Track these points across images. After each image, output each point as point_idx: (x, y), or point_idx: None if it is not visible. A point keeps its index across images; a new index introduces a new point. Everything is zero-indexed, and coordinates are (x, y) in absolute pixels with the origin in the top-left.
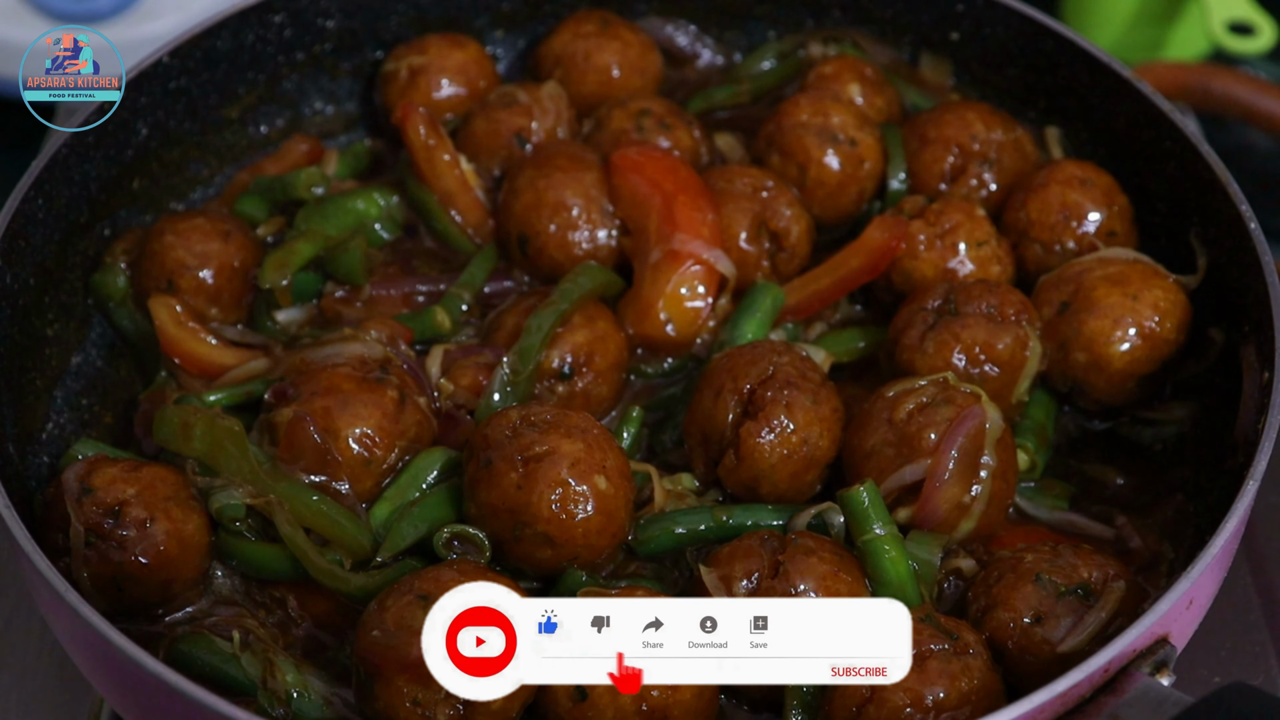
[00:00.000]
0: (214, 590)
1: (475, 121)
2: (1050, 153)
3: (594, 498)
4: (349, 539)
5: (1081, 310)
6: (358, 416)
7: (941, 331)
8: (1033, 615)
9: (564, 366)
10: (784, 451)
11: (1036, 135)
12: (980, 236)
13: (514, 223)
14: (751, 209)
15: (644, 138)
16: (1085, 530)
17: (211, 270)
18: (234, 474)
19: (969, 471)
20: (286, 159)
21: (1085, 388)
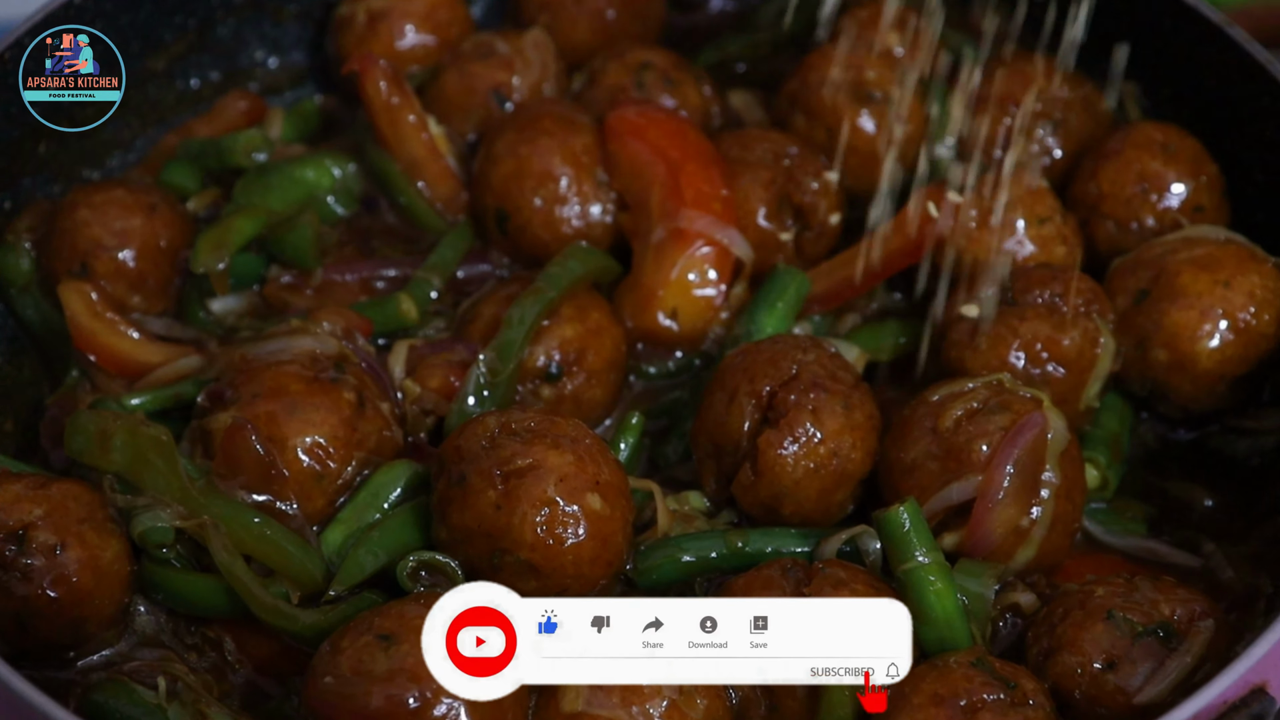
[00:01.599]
0: (136, 629)
1: (446, 76)
2: (1126, 113)
3: (586, 520)
4: (297, 568)
5: (1163, 299)
6: (308, 423)
7: (996, 325)
8: (1104, 660)
9: (551, 365)
10: (810, 465)
11: (1110, 93)
12: (1042, 212)
13: (492, 196)
14: (772, 180)
15: (645, 96)
16: (1167, 559)
17: (133, 251)
18: (161, 492)
19: (1028, 490)
20: (222, 119)
21: (1167, 391)
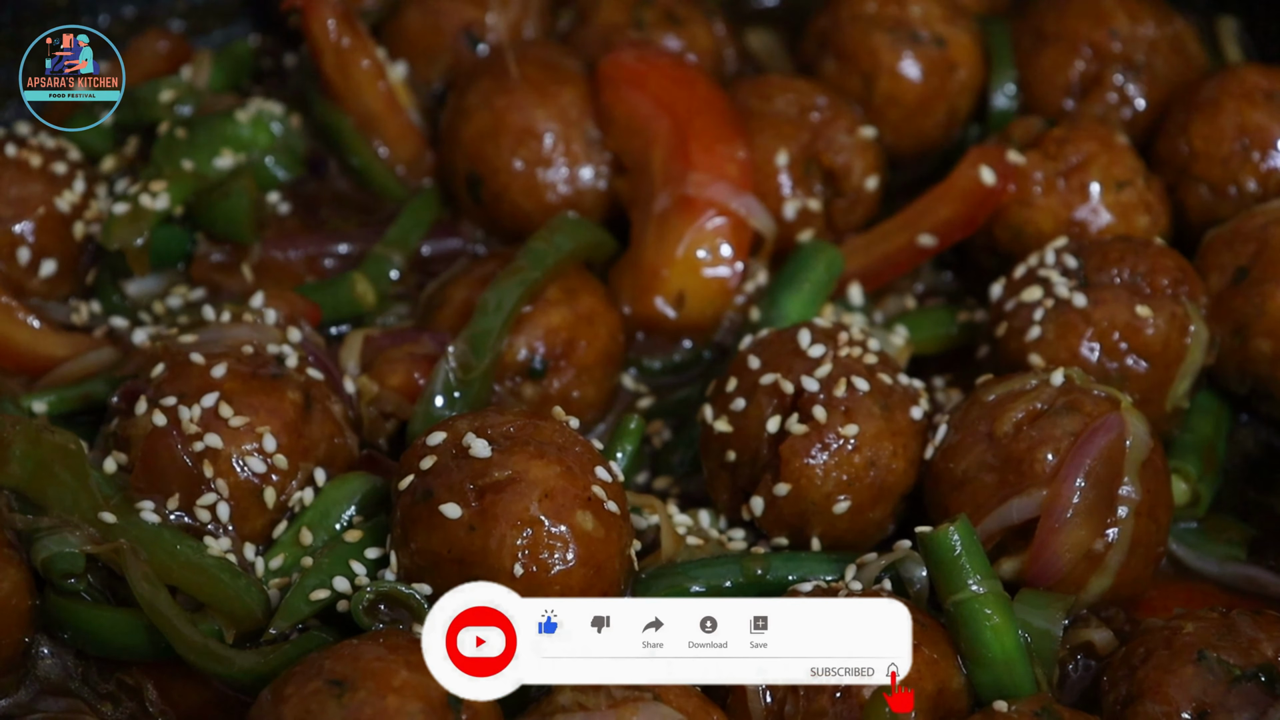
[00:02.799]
0: (38, 675)
1: (408, 12)
2: (1224, 54)
3: (576, 543)
4: (232, 601)
5: (1267, 280)
6: (245, 428)
7: (1065, 311)
8: (1195, 709)
9: (534, 359)
10: (843, 477)
11: (1204, 29)
12: (1121, 175)
13: (462, 156)
14: (797, 138)
15: (646, 37)
16: (1270, 590)
17: (33, 223)
18: (68, 511)
19: (1103, 507)
20: (138, 63)
21: (1271, 388)
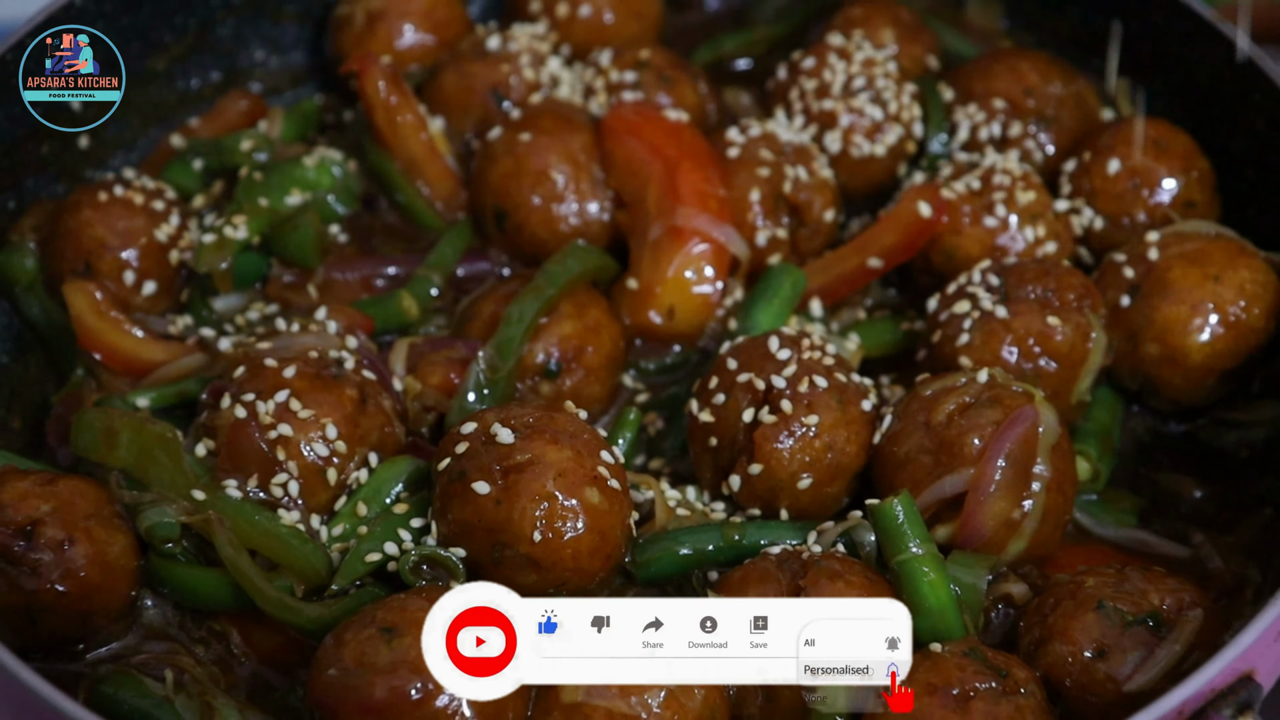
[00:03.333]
0: (143, 623)
1: (444, 75)
2: (1118, 109)
3: (585, 514)
4: (301, 563)
5: (1154, 294)
6: (311, 420)
7: (989, 320)
8: (1095, 649)
9: (550, 362)
10: (806, 459)
11: (1101, 89)
12: (1034, 209)
13: (490, 194)
14: (768, 178)
15: (642, 94)
16: (1157, 550)
17: (137, 250)
18: (166, 488)
19: (1020, 483)
20: (223, 119)
21: (1158, 385)
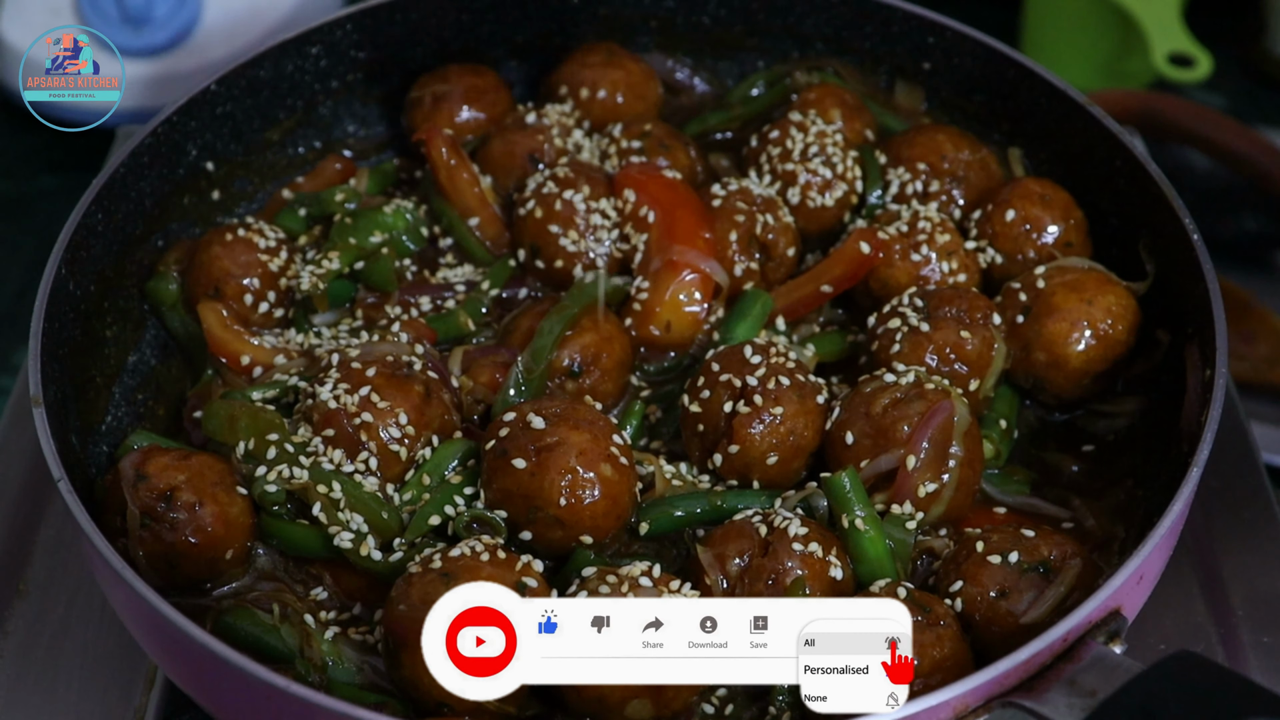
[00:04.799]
0: (257, 567)
1: (492, 143)
2: (1013, 171)
3: (600, 483)
4: (379, 520)
5: (1042, 314)
6: (387, 409)
7: (915, 333)
8: (998, 590)
9: (573, 365)
10: (773, 441)
11: (1000, 155)
12: (950, 247)
13: (527, 235)
14: (743, 223)
15: (646, 157)
16: (1045, 512)
17: (254, 278)
18: (275, 462)
19: (939, 460)
20: (322, 177)
21: (1045, 384)
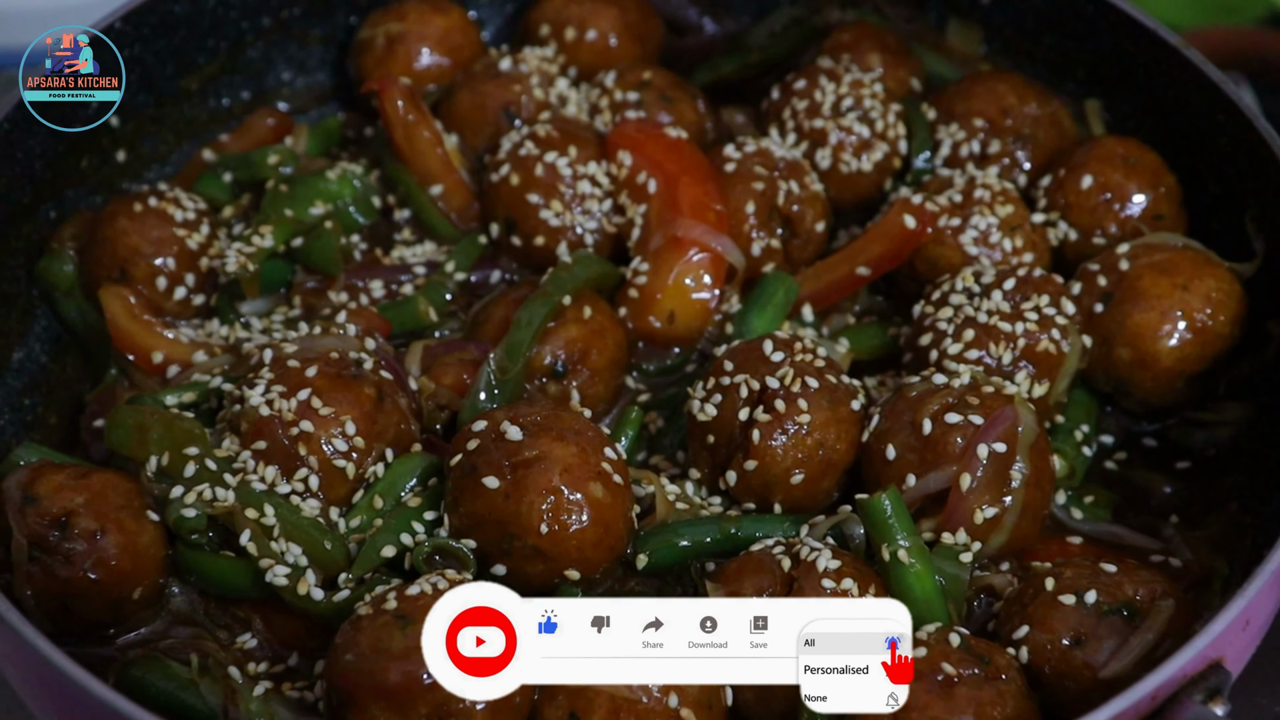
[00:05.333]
0: (170, 609)
1: (459, 94)
2: (1090, 128)
3: (589, 507)
4: (320, 552)
5: (1125, 302)
6: (331, 417)
7: (970, 325)
8: (1072, 637)
9: (557, 363)
10: (798, 455)
11: (1075, 109)
12: (1013, 221)
13: (501, 205)
14: (762, 191)
15: (644, 112)
16: (1130, 543)
17: (169, 257)
18: (193, 481)
19: (1000, 479)
20: (251, 135)
21: (1130, 387)
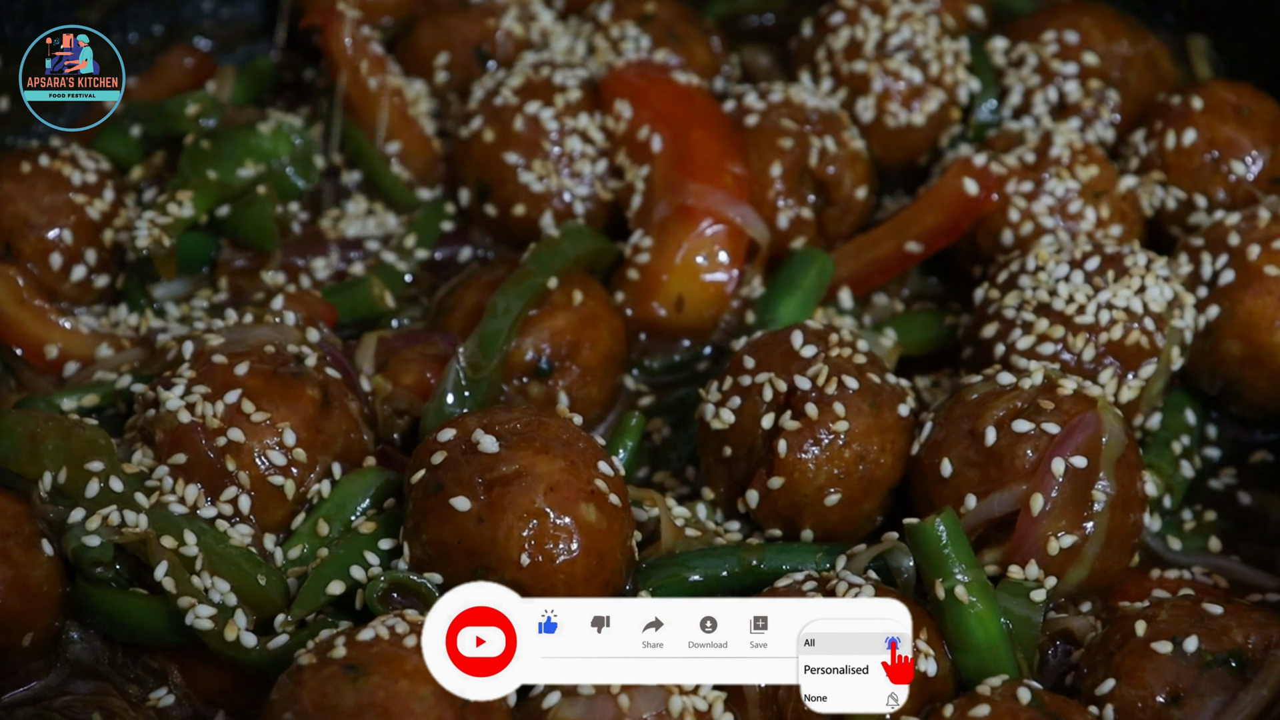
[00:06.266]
0: (68, 659)
1: (421, 30)
2: (1195, 71)
3: (579, 534)
4: (252, 589)
5: (1237, 285)
6: (266, 424)
7: (1045, 313)
8: (1168, 693)
9: (541, 359)
10: (833, 471)
11: (1175, 47)
12: (1097, 185)
13: (473, 166)
14: (790, 150)
15: (647, 53)
16: (1240, 578)
17: (64, 229)
18: (97, 502)
19: (1080, 501)
20: (165, 79)
21: (1240, 388)
